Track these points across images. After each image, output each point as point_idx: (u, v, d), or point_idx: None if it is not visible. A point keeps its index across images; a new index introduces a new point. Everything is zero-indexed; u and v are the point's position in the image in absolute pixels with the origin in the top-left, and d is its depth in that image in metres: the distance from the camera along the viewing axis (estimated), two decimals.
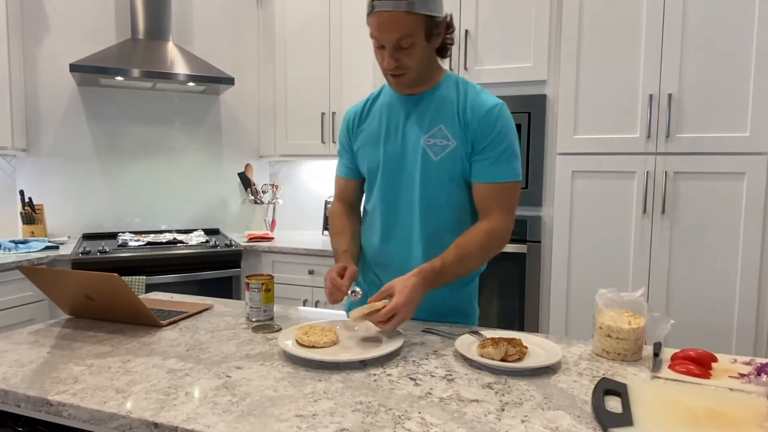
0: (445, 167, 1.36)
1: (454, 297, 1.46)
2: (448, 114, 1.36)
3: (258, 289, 1.42)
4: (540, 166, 2.59)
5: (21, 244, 2.74)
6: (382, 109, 1.45)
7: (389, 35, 1.25)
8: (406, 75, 1.32)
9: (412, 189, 1.39)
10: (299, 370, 1.08)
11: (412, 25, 1.24)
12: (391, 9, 1.22)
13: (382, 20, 1.24)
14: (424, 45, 1.29)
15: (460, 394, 0.97)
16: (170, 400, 0.94)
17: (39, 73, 3.11)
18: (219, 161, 3.63)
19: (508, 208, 1.36)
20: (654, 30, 2.30)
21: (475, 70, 2.67)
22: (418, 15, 1.24)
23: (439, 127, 1.36)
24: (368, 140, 1.46)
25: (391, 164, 1.41)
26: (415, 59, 1.29)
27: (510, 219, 1.37)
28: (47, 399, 0.95)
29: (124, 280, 1.28)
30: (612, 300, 1.21)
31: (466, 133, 1.34)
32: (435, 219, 1.39)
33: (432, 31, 1.29)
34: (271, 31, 3.39)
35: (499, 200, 1.35)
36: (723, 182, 2.25)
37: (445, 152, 1.35)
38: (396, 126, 1.41)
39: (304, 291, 3.02)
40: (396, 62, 1.29)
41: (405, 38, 1.25)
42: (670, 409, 0.89)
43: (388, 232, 1.45)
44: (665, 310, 2.35)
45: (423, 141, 1.37)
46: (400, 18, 1.23)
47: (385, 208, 1.44)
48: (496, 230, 1.34)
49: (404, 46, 1.27)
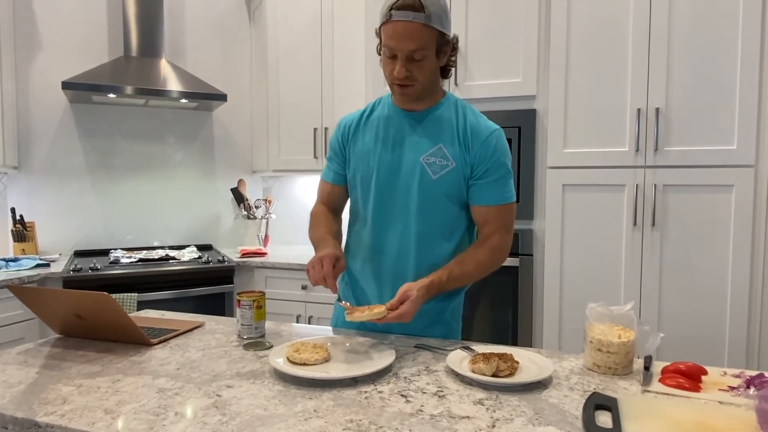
0: (442, 186, 1.39)
1: (440, 310, 1.47)
2: (448, 134, 1.39)
3: (249, 306, 1.42)
4: (531, 179, 2.60)
5: (12, 262, 2.72)
6: (380, 121, 1.46)
7: (405, 45, 1.27)
8: (413, 87, 1.35)
9: (407, 203, 1.41)
10: (290, 388, 1.08)
11: (426, 38, 1.28)
12: (410, 20, 1.25)
13: (399, 30, 1.26)
14: (433, 60, 1.33)
15: (451, 410, 0.97)
16: (159, 420, 0.93)
17: (31, 90, 3.11)
18: (212, 177, 3.63)
19: (508, 227, 1.43)
20: (641, 45, 2.34)
21: (465, 85, 2.70)
22: (433, 29, 1.28)
23: (439, 146, 1.39)
24: (364, 150, 1.47)
25: (386, 176, 1.43)
26: (425, 72, 1.33)
27: (510, 237, 1.44)
28: (35, 420, 0.94)
29: (115, 299, 1.27)
30: (602, 314, 1.21)
31: (466, 156, 1.38)
32: (428, 231, 1.42)
33: (442, 47, 1.33)
34: (263, 47, 3.41)
35: (499, 221, 1.41)
36: (711, 195, 2.27)
37: (443, 171, 1.38)
38: (394, 140, 1.43)
39: (297, 306, 3.01)
40: (407, 72, 1.31)
41: (419, 50, 1.28)
42: (659, 423, 0.89)
43: (380, 241, 1.46)
44: (656, 323, 2.36)
45: (422, 158, 1.39)
46: (417, 29, 1.26)
47: (378, 219, 1.45)
48: (499, 248, 1.41)
49: (417, 59, 1.30)
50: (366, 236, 1.49)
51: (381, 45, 1.34)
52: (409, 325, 1.42)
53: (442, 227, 1.42)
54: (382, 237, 1.45)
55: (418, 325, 1.44)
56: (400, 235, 1.43)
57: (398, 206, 1.42)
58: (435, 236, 1.42)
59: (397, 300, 1.25)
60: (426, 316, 1.45)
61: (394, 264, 1.44)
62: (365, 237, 1.49)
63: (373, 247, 1.47)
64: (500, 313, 2.67)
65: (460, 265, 1.37)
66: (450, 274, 1.34)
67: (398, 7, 1.25)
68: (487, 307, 2.69)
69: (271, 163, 3.40)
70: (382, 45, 1.32)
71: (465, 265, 1.37)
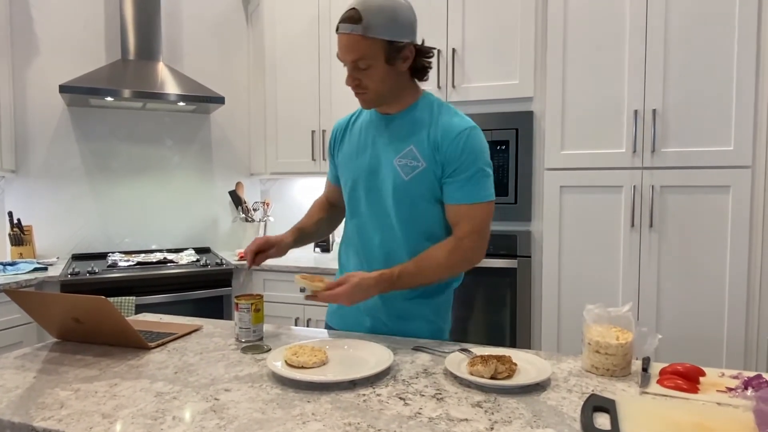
0: (414, 187, 1.39)
1: (421, 305, 1.48)
2: (419, 135, 1.40)
3: (247, 309, 1.41)
4: (528, 181, 2.61)
5: (9, 266, 2.72)
6: (363, 126, 1.51)
7: (347, 56, 1.34)
8: (366, 94, 1.38)
9: (386, 206, 1.44)
10: (288, 391, 1.08)
11: (368, 48, 1.30)
12: (349, 32, 1.30)
13: (342, 42, 1.33)
14: (383, 68, 1.34)
15: (450, 413, 0.97)
16: (157, 424, 0.93)
17: (28, 93, 3.11)
18: (210, 180, 3.63)
19: (478, 229, 1.39)
20: (637, 47, 2.34)
21: (462, 87, 2.70)
22: (375, 39, 1.30)
23: (410, 147, 1.40)
24: (347, 155, 1.52)
25: (366, 181, 1.46)
26: (374, 80, 1.35)
27: (479, 238, 1.39)
28: (32, 425, 0.94)
29: (113, 302, 1.27)
30: (600, 315, 1.21)
31: (435, 156, 1.38)
32: (411, 233, 1.43)
33: (393, 55, 1.33)
34: (260, 49, 3.42)
35: (468, 221, 1.38)
36: (709, 196, 2.28)
37: (414, 172, 1.39)
38: (372, 144, 1.46)
39: (296, 309, 3.00)
40: (355, 81, 1.36)
41: (361, 60, 1.32)
42: (657, 425, 0.90)
43: (368, 245, 1.49)
44: (655, 324, 2.36)
45: (395, 161, 1.41)
46: (356, 41, 1.30)
47: (362, 223, 1.49)
48: (462, 249, 1.38)
49: (362, 67, 1.34)
50: (355, 239, 1.53)
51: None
52: (391, 322, 1.48)
53: (423, 228, 1.43)
54: (368, 240, 1.49)
55: (400, 318, 1.48)
56: (386, 239, 1.45)
57: (379, 210, 1.45)
58: (418, 238, 1.43)
59: (335, 282, 1.31)
60: (408, 315, 1.47)
61: (382, 267, 1.43)
62: (354, 239, 1.53)
63: (361, 249, 1.51)
64: (498, 315, 2.67)
65: (416, 262, 1.37)
66: (403, 270, 1.35)
67: (341, 20, 1.32)
68: (485, 309, 2.69)
69: (269, 165, 3.40)
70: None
71: (421, 261, 1.37)
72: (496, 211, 2.64)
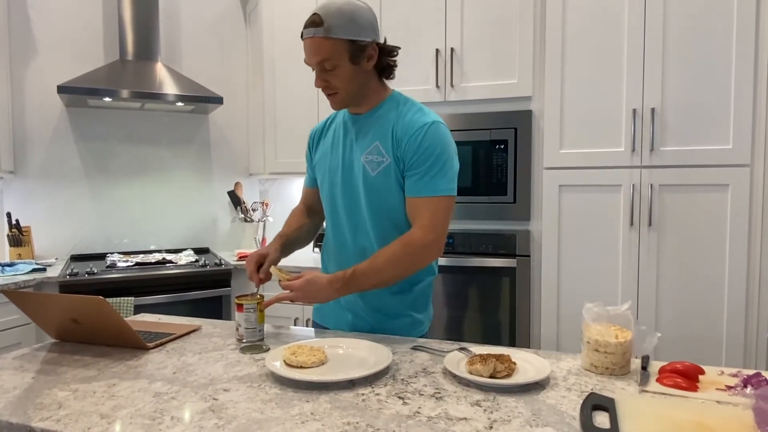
0: (381, 182, 1.43)
1: (398, 300, 1.50)
2: (384, 132, 1.44)
3: (253, 309, 1.41)
4: (527, 180, 2.61)
5: (8, 266, 2.71)
6: (337, 127, 1.56)
7: (312, 59, 1.38)
8: (337, 95, 1.43)
9: (357, 203, 1.47)
10: (287, 391, 1.07)
11: (331, 49, 1.35)
12: (312, 35, 1.35)
13: (306, 46, 1.38)
14: (349, 67, 1.39)
15: (449, 412, 0.97)
16: (155, 424, 0.93)
17: (27, 94, 3.10)
18: (208, 180, 3.63)
19: (433, 222, 1.38)
20: (636, 46, 2.34)
21: (461, 87, 2.70)
22: (337, 40, 1.35)
23: (375, 144, 1.44)
24: (322, 156, 1.57)
25: (338, 180, 1.50)
26: (342, 80, 1.40)
27: (432, 232, 1.37)
28: (30, 426, 0.93)
29: (111, 303, 1.27)
30: (599, 314, 1.21)
31: (396, 151, 1.41)
32: (382, 229, 1.46)
33: (357, 54, 1.38)
34: (259, 50, 3.41)
35: (424, 214, 1.38)
36: (708, 194, 2.28)
37: (380, 168, 1.42)
38: (344, 144, 1.51)
39: (295, 309, 3.00)
40: (324, 83, 1.41)
41: (326, 61, 1.37)
42: (657, 423, 0.89)
43: (342, 243, 1.53)
44: (654, 322, 2.36)
45: (363, 157, 1.45)
46: (318, 43, 1.35)
47: (337, 221, 1.54)
48: (413, 242, 1.37)
49: (328, 68, 1.38)
50: (331, 238, 1.57)
51: None
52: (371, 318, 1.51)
53: (393, 224, 1.45)
54: (342, 238, 1.53)
55: (377, 313, 1.51)
56: (359, 236, 1.49)
57: (351, 208, 1.49)
58: (390, 234, 1.44)
59: (294, 277, 1.40)
60: (386, 311, 1.51)
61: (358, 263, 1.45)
62: (331, 241, 1.58)
63: (337, 248, 1.55)
64: (497, 314, 2.67)
65: (370, 261, 1.38)
66: (356, 269, 1.37)
67: (305, 27, 1.37)
68: (484, 308, 2.69)
69: (268, 165, 3.40)
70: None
71: (375, 259, 1.38)
72: (495, 210, 2.66)
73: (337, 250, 1.55)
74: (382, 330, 1.50)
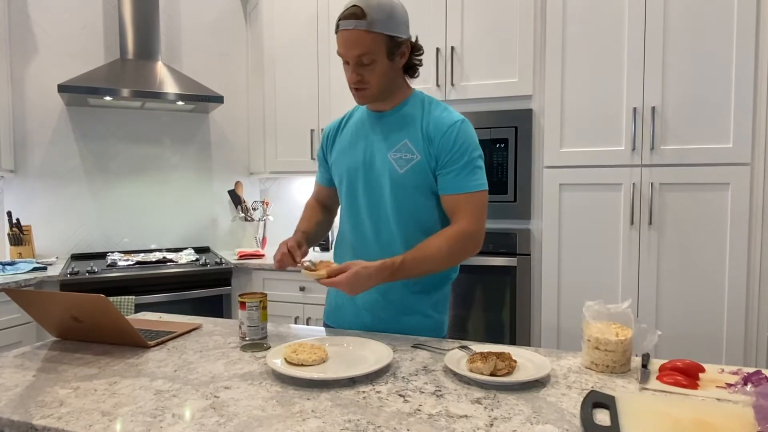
0: (409, 179, 1.42)
1: (421, 300, 1.50)
2: (412, 129, 1.43)
3: (256, 307, 1.41)
4: (528, 179, 2.61)
5: (8, 265, 2.71)
6: (356, 125, 1.54)
7: (351, 52, 1.35)
8: (368, 90, 1.41)
9: (382, 200, 1.46)
10: (288, 388, 1.07)
11: (372, 43, 1.34)
12: (352, 27, 1.33)
13: (345, 38, 1.35)
14: (385, 63, 1.38)
15: (449, 410, 0.97)
16: (157, 422, 0.93)
17: (27, 93, 3.10)
18: (209, 179, 3.63)
19: (477, 214, 1.40)
20: (636, 44, 2.34)
21: (461, 86, 2.70)
22: (378, 34, 1.33)
23: (404, 141, 1.43)
24: (340, 153, 1.55)
25: (361, 177, 1.48)
26: (376, 75, 1.38)
27: (479, 223, 1.40)
28: (32, 423, 0.94)
29: (112, 301, 1.27)
30: (599, 312, 1.21)
31: (429, 148, 1.41)
32: (407, 226, 1.45)
33: (393, 50, 1.38)
34: (259, 49, 3.41)
35: (467, 207, 1.40)
36: (708, 193, 2.28)
37: (409, 165, 1.42)
38: (366, 141, 1.49)
39: (295, 308, 3.00)
40: (358, 77, 1.38)
41: (365, 55, 1.35)
42: (657, 421, 0.89)
43: (363, 241, 1.51)
44: (655, 321, 2.36)
45: (390, 155, 1.43)
46: (360, 36, 1.33)
47: (358, 220, 1.51)
48: (464, 232, 1.38)
49: (365, 63, 1.36)
50: (350, 236, 1.54)
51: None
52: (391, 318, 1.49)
53: (418, 221, 1.45)
54: (363, 235, 1.50)
55: (399, 317, 1.49)
56: (381, 232, 1.47)
57: (375, 204, 1.47)
58: (413, 230, 1.44)
59: (337, 269, 1.31)
60: (408, 309, 1.49)
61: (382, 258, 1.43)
62: (349, 236, 1.55)
63: (358, 244, 1.52)
64: (498, 313, 2.67)
65: (419, 250, 1.37)
66: (406, 258, 1.35)
67: (343, 17, 1.35)
68: (485, 307, 2.69)
69: (268, 164, 3.40)
70: (336, 53, 1.41)
71: (423, 250, 1.37)
72: (495, 209, 2.66)
73: (358, 246, 1.52)
74: (401, 331, 1.48)
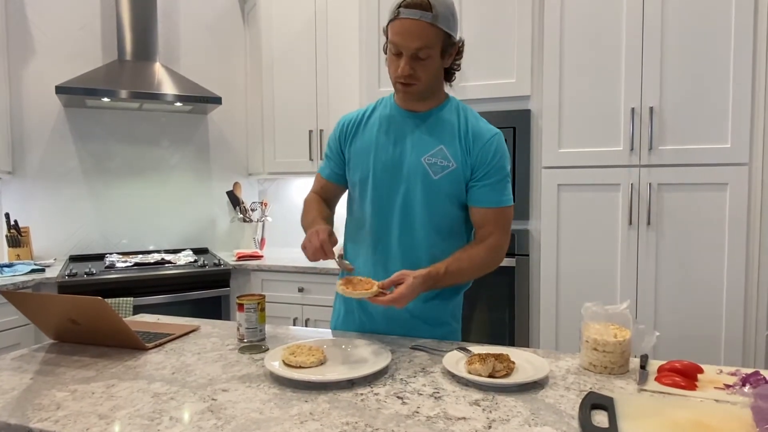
0: (443, 186, 1.40)
1: (439, 308, 1.48)
2: (450, 136, 1.40)
3: (254, 309, 1.40)
4: (526, 180, 2.61)
5: (6, 267, 2.71)
6: (382, 120, 1.46)
7: (410, 43, 1.28)
8: (416, 86, 1.35)
9: (409, 203, 1.41)
10: (286, 391, 1.07)
11: (432, 37, 1.29)
12: (417, 18, 1.26)
13: (406, 27, 1.28)
14: (438, 61, 1.34)
15: (448, 412, 0.97)
16: (154, 425, 0.93)
17: (25, 94, 3.10)
18: (207, 180, 3.63)
19: (506, 229, 1.44)
20: (634, 45, 2.34)
21: (459, 86, 2.70)
22: (439, 29, 1.29)
23: (440, 147, 1.40)
24: (363, 149, 1.46)
25: (386, 176, 1.43)
26: (428, 71, 1.34)
27: (507, 239, 1.45)
28: (29, 427, 0.93)
29: (110, 303, 1.27)
30: (597, 313, 1.21)
31: (467, 158, 1.39)
32: (431, 231, 1.42)
33: (447, 48, 1.35)
34: (258, 50, 3.41)
35: (499, 221, 1.42)
36: (706, 193, 2.28)
37: (444, 172, 1.39)
38: (395, 139, 1.43)
39: (294, 309, 3.00)
40: (411, 70, 1.31)
41: (424, 49, 1.29)
42: (655, 422, 0.89)
43: (382, 241, 1.45)
44: (653, 321, 2.36)
45: (424, 159, 1.39)
46: (423, 28, 1.27)
47: (379, 218, 1.45)
48: (495, 248, 1.41)
49: (421, 57, 1.31)
50: (366, 235, 1.48)
51: (387, 43, 1.34)
52: (408, 325, 1.45)
53: (443, 228, 1.43)
54: (385, 237, 1.45)
55: (416, 325, 1.46)
56: (405, 236, 1.43)
57: (399, 206, 1.42)
58: (437, 236, 1.42)
59: (390, 282, 1.26)
60: (425, 317, 1.46)
61: (400, 265, 1.40)
62: (365, 236, 1.48)
63: (374, 246, 1.46)
64: (497, 314, 2.67)
65: (457, 261, 1.36)
66: (448, 268, 1.33)
67: (407, 5, 1.27)
68: (483, 308, 2.69)
69: (267, 165, 3.39)
70: (389, 42, 1.33)
71: (462, 261, 1.37)
72: None
73: (378, 246, 1.45)
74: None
